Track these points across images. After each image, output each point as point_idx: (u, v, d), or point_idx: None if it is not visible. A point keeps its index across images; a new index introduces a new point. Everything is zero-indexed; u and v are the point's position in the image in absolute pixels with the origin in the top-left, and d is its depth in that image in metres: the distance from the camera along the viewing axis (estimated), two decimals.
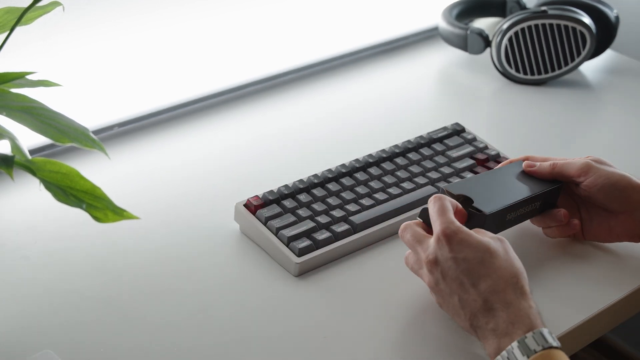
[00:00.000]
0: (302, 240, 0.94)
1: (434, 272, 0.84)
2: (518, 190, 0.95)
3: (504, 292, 0.80)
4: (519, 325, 0.77)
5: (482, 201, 0.91)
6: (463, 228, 0.84)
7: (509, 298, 0.79)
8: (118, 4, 1.12)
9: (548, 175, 0.97)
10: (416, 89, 1.37)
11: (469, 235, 0.83)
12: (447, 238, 0.82)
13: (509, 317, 0.78)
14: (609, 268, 0.96)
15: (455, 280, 0.82)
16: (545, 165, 0.97)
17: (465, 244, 0.82)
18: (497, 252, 0.82)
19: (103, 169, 1.06)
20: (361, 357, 0.84)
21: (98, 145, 0.70)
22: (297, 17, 1.33)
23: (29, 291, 0.90)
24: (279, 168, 1.12)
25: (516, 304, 0.79)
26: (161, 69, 1.20)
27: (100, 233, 0.96)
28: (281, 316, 0.88)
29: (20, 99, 0.70)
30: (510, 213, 0.93)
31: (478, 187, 0.93)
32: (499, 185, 0.95)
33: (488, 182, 0.96)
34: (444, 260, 0.82)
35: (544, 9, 1.31)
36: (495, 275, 0.81)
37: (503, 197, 0.93)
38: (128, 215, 0.70)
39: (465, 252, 0.82)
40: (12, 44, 0.74)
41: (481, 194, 0.92)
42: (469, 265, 0.81)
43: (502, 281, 0.80)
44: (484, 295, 0.80)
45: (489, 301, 0.80)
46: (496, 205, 0.91)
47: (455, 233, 0.83)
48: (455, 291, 0.82)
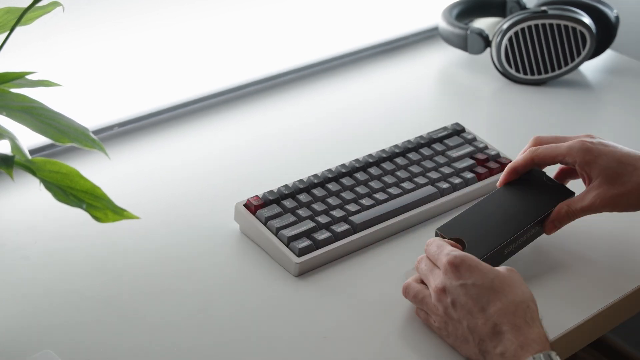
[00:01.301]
0: (302, 240, 0.94)
1: (442, 300, 0.82)
2: (513, 221, 0.92)
3: (513, 315, 0.78)
4: (527, 349, 0.76)
5: (475, 244, 0.89)
6: (470, 256, 0.83)
7: (518, 322, 0.78)
8: (118, 4, 1.12)
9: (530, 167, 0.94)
10: (416, 89, 1.37)
11: (478, 262, 0.82)
12: (454, 266, 0.82)
13: (518, 340, 0.77)
14: (609, 268, 0.96)
15: (464, 306, 0.81)
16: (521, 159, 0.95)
17: (474, 270, 0.81)
18: (507, 277, 0.81)
19: (103, 169, 1.06)
20: (361, 357, 0.84)
21: (98, 145, 0.70)
22: (297, 17, 1.33)
23: (29, 291, 0.90)
24: (279, 168, 1.12)
25: (525, 328, 0.78)
26: (161, 69, 1.20)
27: (100, 233, 0.97)
28: (281, 316, 0.88)
29: (20, 99, 0.70)
30: (507, 248, 0.91)
31: (470, 226, 0.92)
32: (492, 218, 0.93)
33: (480, 217, 0.93)
34: (452, 288, 0.81)
35: (544, 9, 1.31)
36: (506, 299, 0.79)
37: (496, 234, 0.91)
38: (128, 215, 0.70)
39: (474, 278, 0.81)
40: (12, 44, 0.74)
41: (473, 234, 0.90)
42: (478, 291, 0.80)
43: (512, 305, 0.79)
44: (493, 319, 0.79)
45: (497, 325, 0.78)
46: (489, 247, 0.89)
47: (462, 260, 0.82)
48: (464, 317, 0.81)
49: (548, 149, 0.94)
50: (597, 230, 1.02)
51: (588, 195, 0.92)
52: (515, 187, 0.96)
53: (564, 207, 0.93)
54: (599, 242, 1.00)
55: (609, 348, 1.65)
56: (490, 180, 1.07)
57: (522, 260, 0.95)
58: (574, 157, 0.92)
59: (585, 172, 0.93)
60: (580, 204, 0.92)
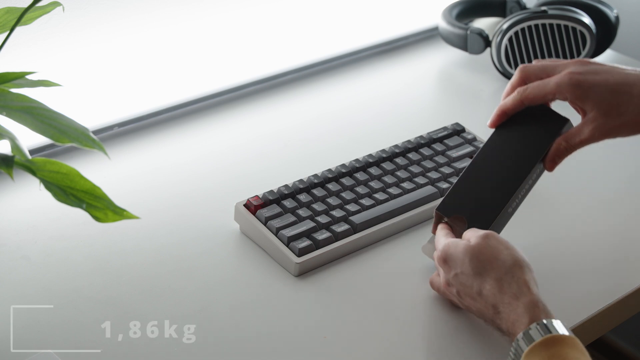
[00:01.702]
0: (302, 240, 0.94)
1: (452, 293, 0.86)
2: (510, 178, 0.89)
3: (501, 294, 0.80)
4: (517, 324, 0.78)
5: (476, 217, 0.88)
6: (450, 242, 0.85)
7: (506, 299, 0.79)
8: (118, 4, 1.12)
9: (519, 108, 0.90)
10: (416, 89, 1.37)
11: (455, 247, 0.84)
12: (444, 261, 0.85)
13: (510, 318, 0.79)
14: (609, 268, 0.96)
15: (466, 295, 0.84)
16: (510, 102, 0.91)
17: (455, 259, 0.84)
18: (482, 253, 0.82)
19: (103, 169, 1.06)
20: (361, 357, 0.84)
21: (98, 145, 0.70)
22: (297, 17, 1.33)
23: (29, 291, 0.90)
24: (279, 168, 1.12)
25: (514, 303, 0.79)
26: (161, 69, 1.20)
27: (101, 233, 0.97)
28: (281, 316, 0.88)
29: (20, 99, 0.70)
30: (510, 207, 0.89)
31: (467, 198, 0.90)
32: (487, 182, 0.90)
33: (475, 184, 0.90)
34: (451, 279, 0.85)
35: (544, 9, 1.31)
36: (490, 279, 0.81)
37: (496, 198, 0.88)
38: (128, 215, 0.70)
39: (458, 267, 0.84)
40: (12, 44, 0.74)
41: (473, 207, 0.89)
42: (467, 279, 0.83)
43: (498, 283, 0.80)
44: (490, 301, 0.81)
45: (495, 306, 0.81)
46: (491, 215, 0.88)
47: (446, 253, 0.85)
48: (471, 303, 0.84)
49: (536, 89, 0.89)
50: (597, 230, 1.02)
51: (585, 128, 0.89)
52: (507, 129, 0.92)
53: (562, 142, 0.90)
54: (599, 242, 1.00)
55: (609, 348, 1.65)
56: None
57: None
58: (564, 94, 0.88)
59: (578, 106, 0.90)
60: (578, 137, 0.89)
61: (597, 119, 0.88)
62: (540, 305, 0.78)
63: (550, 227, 1.03)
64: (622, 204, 1.07)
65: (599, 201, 1.07)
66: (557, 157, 0.90)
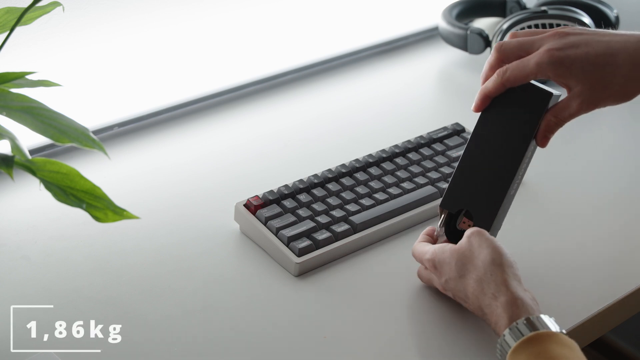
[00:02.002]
0: (302, 240, 0.94)
1: (449, 295, 0.88)
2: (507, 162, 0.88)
3: (483, 295, 0.81)
4: (499, 325, 0.79)
5: (481, 207, 0.88)
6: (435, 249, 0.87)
7: (487, 301, 0.81)
8: (118, 4, 1.12)
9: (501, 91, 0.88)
10: (416, 89, 1.37)
11: (442, 253, 0.86)
12: (434, 267, 0.87)
13: (493, 319, 0.80)
14: (609, 268, 0.96)
15: (460, 298, 0.86)
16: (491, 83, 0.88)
17: (444, 265, 0.86)
18: (463, 256, 0.84)
19: (103, 169, 1.06)
20: (361, 357, 0.84)
21: (98, 145, 0.70)
22: (297, 17, 1.33)
23: (29, 291, 0.90)
24: (279, 168, 1.12)
25: (494, 303, 0.80)
26: (161, 69, 1.20)
27: (101, 233, 0.97)
28: (281, 316, 0.88)
29: (20, 99, 0.70)
30: (511, 189, 0.89)
31: (468, 189, 0.89)
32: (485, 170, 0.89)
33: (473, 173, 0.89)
34: (444, 285, 0.87)
35: (544, 9, 1.31)
36: (472, 280, 0.83)
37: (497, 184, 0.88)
38: (128, 215, 0.70)
39: (447, 272, 0.86)
40: (12, 44, 0.74)
41: (476, 197, 0.89)
42: (455, 284, 0.85)
43: (479, 285, 0.82)
44: (476, 303, 0.83)
45: (481, 307, 0.82)
46: (496, 202, 0.88)
47: (434, 260, 0.87)
48: (467, 306, 0.85)
49: (516, 70, 0.86)
50: (597, 230, 1.02)
51: (572, 102, 0.86)
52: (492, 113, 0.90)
53: (552, 118, 0.87)
54: (599, 242, 1.00)
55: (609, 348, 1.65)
56: None
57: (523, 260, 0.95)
58: (546, 72, 0.85)
59: (561, 82, 0.87)
60: (567, 111, 0.87)
61: (583, 93, 0.85)
62: (519, 303, 0.78)
63: (550, 227, 1.03)
64: (623, 204, 1.07)
65: (599, 201, 1.07)
66: (547, 133, 0.88)
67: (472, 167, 0.90)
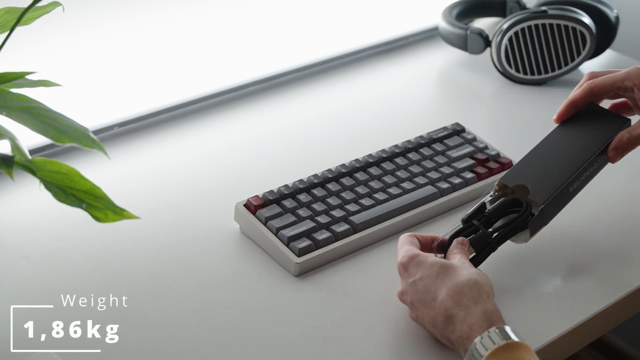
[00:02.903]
0: (302, 240, 0.94)
1: (405, 303, 0.85)
2: (574, 158, 0.93)
3: (459, 296, 0.79)
4: (475, 328, 0.77)
5: (539, 187, 0.90)
6: (419, 252, 0.85)
7: (465, 302, 0.79)
8: (118, 4, 1.12)
9: (589, 98, 0.94)
10: (416, 89, 1.37)
11: (425, 257, 0.84)
12: (404, 266, 0.84)
13: (467, 321, 0.78)
14: (609, 268, 0.96)
15: (420, 302, 0.82)
16: (579, 92, 0.94)
17: (421, 264, 0.83)
18: (451, 265, 0.82)
19: (103, 169, 1.06)
20: (361, 357, 0.84)
21: (98, 145, 0.70)
22: (297, 17, 1.33)
23: (29, 291, 0.90)
24: (279, 168, 1.12)
25: (473, 307, 0.78)
26: (161, 69, 1.21)
27: (101, 233, 0.97)
28: (281, 316, 0.88)
29: (20, 99, 0.70)
30: (571, 186, 0.92)
31: (531, 170, 0.92)
32: (553, 159, 0.93)
33: (541, 160, 0.93)
34: (407, 288, 0.84)
35: (544, 9, 1.31)
36: (450, 282, 0.80)
37: (560, 173, 0.91)
38: (128, 215, 0.70)
39: (421, 272, 0.83)
40: (12, 44, 0.74)
41: (536, 178, 0.91)
42: (425, 283, 0.82)
43: (457, 287, 0.80)
44: (443, 305, 0.80)
45: (448, 310, 0.79)
46: (553, 188, 0.90)
47: (410, 258, 0.84)
48: (423, 313, 0.82)
49: (605, 78, 0.94)
50: (597, 230, 1.02)
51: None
52: (570, 124, 0.96)
53: (625, 134, 0.93)
54: (599, 242, 1.00)
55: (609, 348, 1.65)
56: (490, 180, 1.07)
57: (523, 260, 0.95)
58: (633, 80, 0.92)
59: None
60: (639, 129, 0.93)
61: None
62: (498, 314, 0.78)
63: (550, 228, 1.03)
64: (623, 204, 1.07)
65: (599, 201, 1.07)
66: (619, 148, 0.94)
67: (541, 155, 0.94)
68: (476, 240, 0.87)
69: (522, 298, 0.91)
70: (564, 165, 0.92)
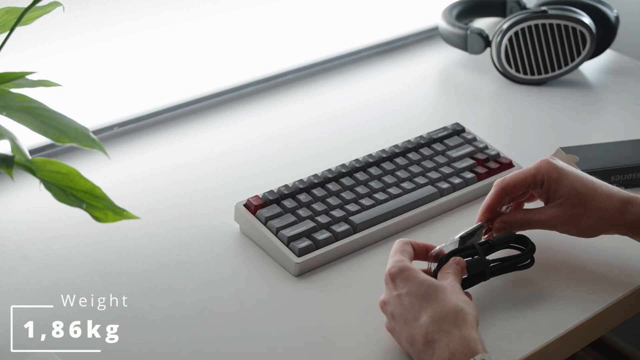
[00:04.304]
0: (302, 240, 0.94)
1: (386, 313, 0.84)
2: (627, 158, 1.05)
3: (443, 321, 0.78)
4: (458, 355, 0.75)
5: (585, 161, 1.04)
6: (410, 266, 0.82)
7: (448, 327, 0.77)
8: (118, 4, 1.12)
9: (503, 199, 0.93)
10: (416, 89, 1.37)
11: (416, 273, 0.82)
12: (392, 277, 0.82)
13: (448, 348, 0.76)
14: (609, 268, 0.96)
15: (401, 317, 0.81)
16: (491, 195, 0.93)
17: (410, 280, 0.81)
18: (441, 286, 0.81)
19: (103, 169, 1.06)
20: (361, 357, 0.84)
21: (98, 145, 0.70)
22: (297, 17, 1.33)
23: (29, 291, 0.90)
24: (279, 168, 1.12)
25: (456, 333, 0.77)
26: (161, 69, 1.21)
27: (101, 233, 0.97)
28: (281, 316, 0.88)
29: (20, 99, 0.71)
30: (614, 175, 1.05)
31: (589, 152, 1.05)
32: (609, 152, 1.06)
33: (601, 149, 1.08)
34: (390, 299, 0.82)
35: (544, 9, 1.31)
36: (437, 305, 0.79)
37: (606, 161, 1.03)
38: (128, 215, 0.70)
39: (408, 287, 0.81)
40: (12, 44, 0.74)
41: (589, 157, 1.03)
42: (411, 300, 0.80)
43: (443, 311, 0.78)
44: (425, 327, 0.78)
45: (429, 334, 0.78)
46: (594, 165, 1.02)
47: (400, 270, 0.82)
48: (402, 328, 0.81)
49: (516, 174, 0.93)
50: None
51: (547, 211, 0.92)
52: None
53: (520, 213, 0.94)
54: (599, 242, 1.00)
55: (609, 348, 1.65)
56: (490, 180, 1.07)
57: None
58: (542, 174, 0.92)
59: (551, 189, 0.92)
60: (537, 215, 0.93)
61: (562, 205, 0.92)
62: (482, 344, 0.76)
63: None
64: None
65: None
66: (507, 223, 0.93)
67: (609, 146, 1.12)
68: (472, 265, 0.86)
69: (522, 298, 0.91)
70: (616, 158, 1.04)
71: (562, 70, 1.33)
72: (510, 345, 0.85)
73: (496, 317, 0.88)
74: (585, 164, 1.07)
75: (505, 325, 0.87)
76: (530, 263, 0.89)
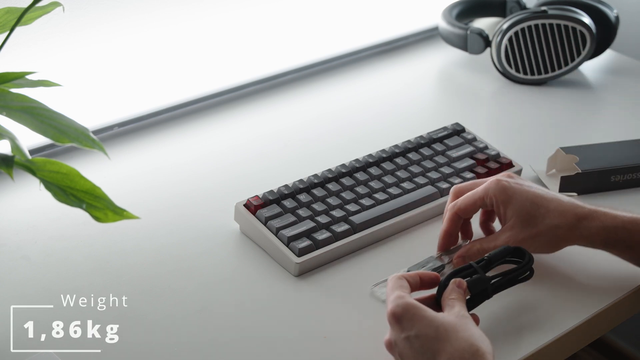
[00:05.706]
0: (302, 240, 0.94)
1: (393, 354, 0.80)
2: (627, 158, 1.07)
3: None
4: None
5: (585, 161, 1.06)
6: (414, 303, 0.78)
7: None
8: (118, 4, 1.12)
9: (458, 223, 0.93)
10: (416, 89, 1.37)
11: (421, 311, 0.77)
12: (396, 318, 0.78)
13: None
14: (609, 268, 0.96)
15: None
16: (447, 221, 0.93)
17: (417, 320, 0.77)
18: (453, 324, 0.77)
19: (103, 169, 1.06)
20: (361, 357, 0.84)
21: (98, 145, 0.70)
22: (297, 17, 1.33)
23: (29, 291, 0.90)
24: (279, 168, 1.12)
25: None
26: (161, 69, 1.21)
27: (101, 233, 0.97)
28: (281, 316, 0.88)
29: (20, 99, 0.71)
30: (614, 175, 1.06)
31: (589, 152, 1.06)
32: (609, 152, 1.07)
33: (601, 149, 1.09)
34: (398, 341, 0.78)
35: (544, 9, 1.31)
36: (451, 347, 0.75)
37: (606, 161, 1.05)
38: (128, 215, 0.70)
39: (417, 329, 0.77)
40: (12, 44, 0.74)
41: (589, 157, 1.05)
42: (422, 342, 0.76)
43: (458, 353, 0.74)
44: None
45: None
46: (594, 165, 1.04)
47: (405, 310, 0.78)
48: None
49: (466, 198, 0.93)
50: None
51: (501, 236, 0.92)
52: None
53: (477, 244, 0.93)
54: None
55: (609, 348, 1.65)
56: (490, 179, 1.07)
57: None
58: (491, 197, 0.92)
59: (501, 211, 0.92)
60: (493, 242, 0.92)
61: (514, 227, 0.91)
62: None
63: None
64: (623, 203, 1.07)
65: (599, 201, 1.07)
66: (467, 257, 0.93)
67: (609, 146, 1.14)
68: (473, 284, 0.83)
69: (521, 298, 0.91)
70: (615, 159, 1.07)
71: (562, 70, 1.33)
72: (510, 345, 0.85)
73: (496, 317, 0.88)
74: (585, 164, 1.07)
75: (505, 325, 0.87)
76: (530, 274, 0.87)
